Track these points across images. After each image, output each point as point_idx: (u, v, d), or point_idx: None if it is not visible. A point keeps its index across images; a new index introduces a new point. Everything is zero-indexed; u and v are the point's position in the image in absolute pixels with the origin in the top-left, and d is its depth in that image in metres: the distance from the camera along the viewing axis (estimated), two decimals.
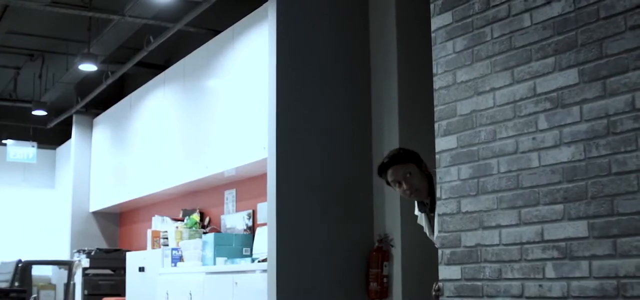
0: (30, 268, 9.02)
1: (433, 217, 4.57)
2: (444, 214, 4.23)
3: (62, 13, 8.88)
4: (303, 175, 6.05)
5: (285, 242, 5.88)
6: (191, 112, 8.75)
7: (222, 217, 8.72)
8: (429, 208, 4.62)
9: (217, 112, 8.08)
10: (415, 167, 4.56)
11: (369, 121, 6.31)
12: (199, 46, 8.67)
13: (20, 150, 13.71)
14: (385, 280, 5.95)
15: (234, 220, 8.37)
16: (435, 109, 4.35)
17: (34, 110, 12.26)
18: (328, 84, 6.27)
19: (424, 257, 5.23)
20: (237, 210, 8.49)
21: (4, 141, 13.76)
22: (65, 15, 9.08)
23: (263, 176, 6.36)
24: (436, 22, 4.43)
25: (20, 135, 13.89)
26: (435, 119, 4.34)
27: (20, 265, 8.61)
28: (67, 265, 9.56)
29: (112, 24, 9.10)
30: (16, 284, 8.19)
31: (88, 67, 9.69)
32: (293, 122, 6.07)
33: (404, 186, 4.55)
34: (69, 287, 9.22)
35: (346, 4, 6.43)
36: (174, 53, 10.18)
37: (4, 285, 8.24)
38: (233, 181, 8.53)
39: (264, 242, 6.41)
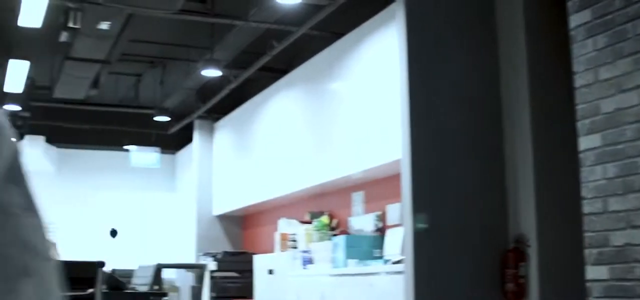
0: (161, 271, 9.24)
1: None
2: (590, 214, 4.18)
3: (183, 20, 9.00)
4: (437, 177, 6.06)
5: (421, 244, 5.90)
6: (316, 115, 8.83)
7: (350, 219, 8.75)
8: None
9: (342, 115, 8.14)
10: None
11: (500, 121, 6.28)
12: (320, 50, 8.70)
13: (144, 157, 14.04)
14: (521, 280, 5.90)
15: (363, 222, 8.38)
16: (576, 107, 4.31)
17: (156, 116, 12.53)
18: (460, 85, 6.25)
19: (562, 258, 5.18)
20: (365, 212, 8.51)
21: (126, 147, 14.13)
22: (186, 22, 9.21)
23: (392, 178, 6.40)
24: (575, 20, 4.38)
25: (142, 141, 14.22)
26: (577, 118, 4.29)
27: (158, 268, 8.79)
28: (199, 268, 9.77)
29: (235, 29, 9.15)
30: (156, 287, 8.41)
31: (211, 72, 9.85)
32: (427, 124, 6.07)
33: None
34: (200, 291, 9.43)
35: (474, 2, 6.40)
36: (295, 57, 10.27)
37: (143, 288, 8.46)
38: (360, 183, 8.54)
39: (396, 243, 6.45)
